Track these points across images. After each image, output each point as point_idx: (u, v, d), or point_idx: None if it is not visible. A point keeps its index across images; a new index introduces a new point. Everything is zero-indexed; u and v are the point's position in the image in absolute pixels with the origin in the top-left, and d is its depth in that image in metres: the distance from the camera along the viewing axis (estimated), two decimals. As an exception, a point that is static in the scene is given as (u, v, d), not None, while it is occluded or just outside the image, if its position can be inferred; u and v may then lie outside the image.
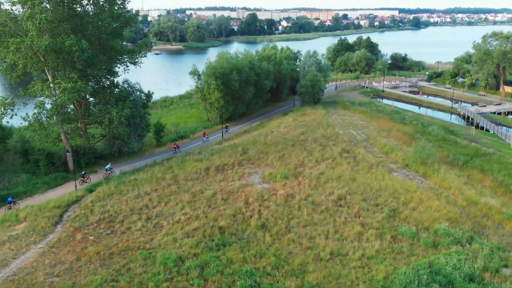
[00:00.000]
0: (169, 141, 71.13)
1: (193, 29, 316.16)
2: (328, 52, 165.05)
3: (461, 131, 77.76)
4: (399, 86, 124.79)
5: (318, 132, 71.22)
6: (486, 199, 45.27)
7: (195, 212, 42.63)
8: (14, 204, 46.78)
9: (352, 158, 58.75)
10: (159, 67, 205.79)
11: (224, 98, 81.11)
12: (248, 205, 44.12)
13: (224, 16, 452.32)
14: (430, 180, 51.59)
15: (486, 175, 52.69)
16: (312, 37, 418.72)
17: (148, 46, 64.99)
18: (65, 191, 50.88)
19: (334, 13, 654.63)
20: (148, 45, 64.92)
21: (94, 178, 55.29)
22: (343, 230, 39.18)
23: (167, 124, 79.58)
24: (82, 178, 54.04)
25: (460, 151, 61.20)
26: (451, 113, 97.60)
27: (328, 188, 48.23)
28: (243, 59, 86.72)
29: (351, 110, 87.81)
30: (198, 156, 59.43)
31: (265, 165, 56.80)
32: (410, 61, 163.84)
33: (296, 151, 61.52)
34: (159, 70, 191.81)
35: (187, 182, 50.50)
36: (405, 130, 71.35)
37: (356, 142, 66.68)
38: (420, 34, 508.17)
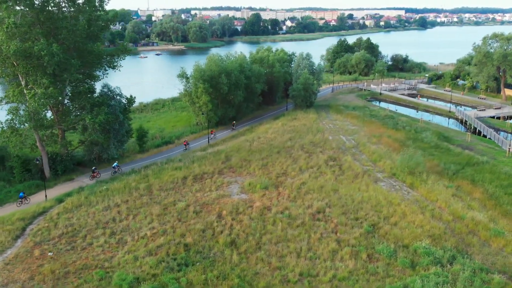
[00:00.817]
0: (152, 147, 69.04)
1: (195, 29, 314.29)
2: (328, 53, 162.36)
3: (456, 137, 74.93)
4: (397, 88, 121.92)
5: (306, 138, 68.82)
6: (473, 213, 42.69)
7: (163, 226, 40.46)
8: (26, 199, 48.58)
9: (338, 167, 56.34)
10: (158, 68, 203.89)
11: (212, 102, 78.92)
12: (221, 218, 41.91)
13: (228, 16, 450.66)
14: (417, 191, 49.08)
15: (476, 186, 50.02)
16: (316, 37, 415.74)
17: (126, 50, 62.79)
18: (37, 201, 48.92)
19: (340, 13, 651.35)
20: (126, 49, 62.71)
21: (69, 186, 53.29)
22: (317, 248, 36.84)
23: (153, 129, 77.61)
24: (92, 174, 55.89)
25: (452, 160, 58.49)
26: (449, 117, 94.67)
27: (308, 200, 45.91)
28: (233, 61, 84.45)
29: (343, 115, 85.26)
30: (178, 164, 57.29)
31: (247, 174, 54.53)
32: (411, 62, 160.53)
33: (281, 159, 59.20)
34: (157, 71, 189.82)
35: (161, 193, 48.36)
36: (397, 137, 68.74)
37: (345, 149, 64.23)
38: (426, 34, 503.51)
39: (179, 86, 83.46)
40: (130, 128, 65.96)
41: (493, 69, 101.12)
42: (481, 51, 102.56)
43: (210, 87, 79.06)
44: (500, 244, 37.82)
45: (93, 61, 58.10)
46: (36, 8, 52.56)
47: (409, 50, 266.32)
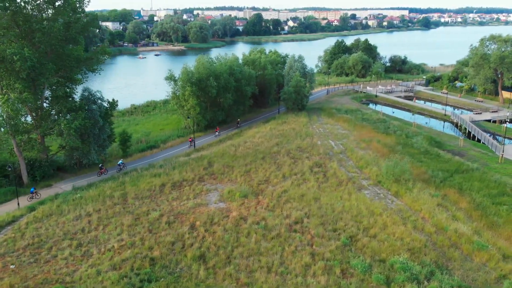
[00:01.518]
0: (136, 151, 67.56)
1: (196, 30, 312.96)
2: (326, 54, 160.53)
3: (449, 141, 73.09)
4: (393, 90, 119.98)
5: (294, 143, 67.16)
6: (457, 224, 40.94)
7: (132, 238, 38.91)
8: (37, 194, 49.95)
9: (323, 174, 54.68)
10: (155, 69, 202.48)
11: (200, 105, 77.46)
12: (194, 230, 40.33)
13: (229, 16, 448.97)
14: (402, 200, 47.37)
15: (463, 195, 48.25)
16: (318, 37, 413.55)
17: (105, 53, 61.26)
18: (10, 208, 47.55)
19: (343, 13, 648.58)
20: (105, 52, 61.16)
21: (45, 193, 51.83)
22: (290, 262, 35.18)
23: (140, 133, 76.19)
24: (100, 170, 57.49)
25: (441, 167, 56.70)
26: (444, 121, 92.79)
27: (287, 209, 44.27)
28: (222, 64, 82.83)
29: (335, 118, 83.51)
30: (157, 171, 55.75)
31: (228, 181, 52.95)
32: (410, 63, 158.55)
33: (265, 165, 57.58)
34: (153, 72, 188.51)
35: (136, 202, 46.84)
36: (387, 142, 66.97)
37: (332, 154, 62.54)
38: (429, 34, 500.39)
39: (168, 89, 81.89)
40: (112, 133, 64.52)
41: (490, 71, 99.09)
42: (478, 53, 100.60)
43: (199, 90, 77.63)
44: (483, 259, 36.11)
45: (71, 64, 56.55)
46: (11, 10, 51.12)
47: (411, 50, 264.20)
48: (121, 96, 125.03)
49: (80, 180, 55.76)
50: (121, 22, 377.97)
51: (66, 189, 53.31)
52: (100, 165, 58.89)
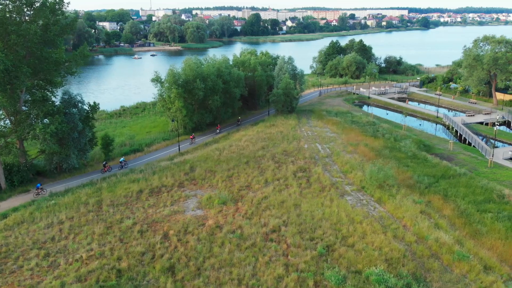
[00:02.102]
0: (119, 155, 66.29)
1: (193, 30, 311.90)
2: (320, 55, 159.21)
3: (438, 145, 71.83)
4: (387, 92, 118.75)
5: (280, 147, 65.96)
6: (439, 233, 39.66)
7: (102, 248, 37.67)
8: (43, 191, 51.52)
9: (306, 179, 53.45)
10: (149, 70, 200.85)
11: (187, 107, 76.29)
12: (166, 239, 39.10)
13: (227, 16, 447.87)
14: (384, 207, 46.12)
15: (448, 201, 46.98)
16: (316, 37, 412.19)
17: (85, 56, 59.93)
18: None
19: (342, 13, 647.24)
20: (84, 55, 59.83)
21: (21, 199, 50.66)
22: (262, 274, 33.94)
23: (124, 136, 74.93)
24: (104, 168, 58.71)
25: (427, 171, 55.43)
26: (436, 123, 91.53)
27: (265, 217, 43.04)
28: (209, 66, 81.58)
29: (324, 121, 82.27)
30: (136, 176, 54.50)
31: (209, 187, 51.73)
32: (405, 64, 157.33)
33: (248, 170, 56.34)
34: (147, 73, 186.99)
35: (111, 209, 45.58)
36: (374, 145, 65.72)
37: (318, 158, 61.32)
38: (427, 34, 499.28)
39: (155, 91, 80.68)
40: (94, 136, 63.32)
41: (483, 72, 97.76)
42: (471, 54, 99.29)
43: (185, 92, 76.48)
44: (463, 270, 34.86)
45: (49, 67, 55.27)
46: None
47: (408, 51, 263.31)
48: (112, 98, 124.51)
49: (58, 186, 54.56)
50: (118, 22, 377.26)
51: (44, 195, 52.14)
52: (104, 162, 59.89)
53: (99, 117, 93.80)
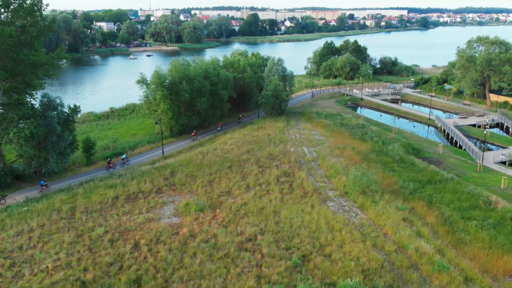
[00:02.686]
0: (101, 159, 64.98)
1: (189, 30, 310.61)
2: (315, 56, 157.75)
3: (428, 148, 70.45)
4: (380, 93, 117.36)
5: (266, 150, 64.59)
6: (420, 242, 38.29)
7: (69, 258, 36.34)
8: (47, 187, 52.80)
9: (289, 184, 52.09)
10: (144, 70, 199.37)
11: (173, 109, 74.95)
12: (137, 249, 37.75)
13: (225, 16, 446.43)
14: (366, 214, 44.76)
15: (432, 208, 45.61)
16: (314, 37, 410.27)
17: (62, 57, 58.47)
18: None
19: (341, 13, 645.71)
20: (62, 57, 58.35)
21: None
22: (233, 286, 32.58)
23: (108, 138, 73.61)
24: (108, 165, 60.49)
25: (413, 176, 54.03)
26: (428, 125, 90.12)
27: (242, 225, 41.70)
28: (196, 67, 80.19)
29: (313, 123, 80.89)
30: (114, 181, 53.11)
31: (188, 192, 50.37)
32: (400, 65, 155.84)
33: (230, 175, 54.99)
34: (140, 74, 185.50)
35: (84, 216, 44.23)
36: (361, 149, 64.34)
37: (303, 162, 59.95)
38: (426, 34, 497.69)
39: (140, 93, 79.31)
40: (74, 140, 61.98)
41: (476, 74, 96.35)
42: (464, 55, 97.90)
43: (171, 94, 75.15)
44: (443, 281, 33.53)
45: (25, 70, 53.87)
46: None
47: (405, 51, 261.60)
48: (101, 99, 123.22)
49: (35, 191, 53.19)
50: (115, 23, 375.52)
51: (20, 200, 50.93)
52: (108, 159, 61.74)
53: (86, 119, 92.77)
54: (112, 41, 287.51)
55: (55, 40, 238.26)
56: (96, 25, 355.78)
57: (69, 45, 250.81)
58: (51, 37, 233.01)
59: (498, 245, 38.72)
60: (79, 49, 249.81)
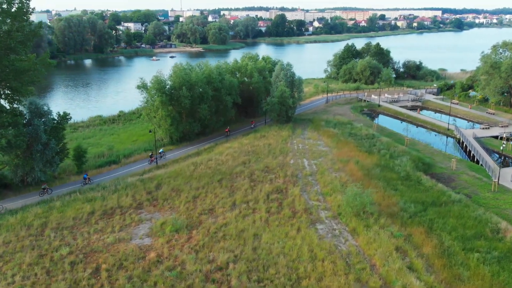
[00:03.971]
0: (92, 167, 62.79)
1: (214, 31, 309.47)
2: (335, 58, 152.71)
3: (441, 163, 65.20)
4: (399, 100, 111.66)
5: (263, 162, 60.99)
6: (410, 278, 33.91)
7: (25, 281, 33.75)
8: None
9: (279, 202, 48.33)
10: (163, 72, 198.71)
11: (173, 116, 72.30)
12: (96, 275, 34.83)
13: (251, 17, 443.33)
14: (357, 240, 40.57)
15: (431, 236, 40.91)
16: (343, 38, 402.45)
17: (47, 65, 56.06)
18: None
19: (372, 14, 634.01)
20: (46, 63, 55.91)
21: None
22: (189, 325, 29.22)
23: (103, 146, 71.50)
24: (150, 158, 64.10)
25: (417, 197, 49.23)
26: (447, 136, 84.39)
27: (216, 250, 38.25)
28: (198, 72, 77.21)
29: (320, 132, 76.65)
30: (95, 194, 50.55)
31: (169, 209, 47.29)
32: (425, 69, 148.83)
33: (218, 190, 51.65)
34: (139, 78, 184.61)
35: (53, 233, 41.71)
36: (366, 163, 59.81)
37: (300, 177, 56.04)
38: (460, 36, 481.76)
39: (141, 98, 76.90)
40: (64, 148, 59.95)
41: (501, 81, 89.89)
42: (489, 61, 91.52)
43: (171, 100, 72.51)
44: (430, 328, 29.19)
45: (7, 77, 51.91)
46: None
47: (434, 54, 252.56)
48: (112, 102, 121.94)
49: (16, 202, 51.25)
50: (143, 23, 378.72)
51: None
52: (160, 150, 65.08)
53: (91, 123, 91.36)
54: (137, 42, 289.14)
55: (80, 41, 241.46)
56: (124, 25, 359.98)
57: (94, 45, 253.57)
58: (76, 38, 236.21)
59: (500, 284, 33.92)
60: (103, 49, 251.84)
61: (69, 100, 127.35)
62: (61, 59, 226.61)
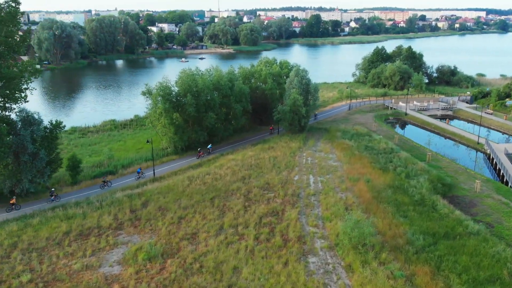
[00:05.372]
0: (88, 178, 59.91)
1: (246, 32, 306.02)
2: (364, 62, 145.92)
3: (465, 183, 58.62)
4: (429, 108, 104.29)
5: (265, 178, 56.45)
6: (403, 334, 28.64)
7: (-34, 317, 30.66)
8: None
9: (271, 227, 43.64)
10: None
11: (177, 124, 68.86)
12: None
13: (285, 18, 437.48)
14: (351, 279, 35.42)
15: (437, 278, 35.20)
16: (379, 39, 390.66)
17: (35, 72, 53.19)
18: None
19: (412, 14, 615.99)
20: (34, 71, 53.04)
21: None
22: None
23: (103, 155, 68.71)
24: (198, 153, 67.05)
25: (428, 226, 43.29)
26: (476, 151, 77.16)
27: (187, 286, 34.03)
28: (205, 78, 73.28)
29: (334, 144, 71.19)
30: (76, 211, 47.35)
31: (150, 231, 43.47)
32: (460, 74, 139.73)
33: (208, 210, 47.47)
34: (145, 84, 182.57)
35: (20, 255, 38.57)
36: (377, 182, 54.13)
37: (302, 196, 51.14)
38: (505, 38, 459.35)
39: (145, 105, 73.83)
40: (57, 158, 57.35)
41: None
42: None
43: (176, 107, 69.11)
44: None
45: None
46: None
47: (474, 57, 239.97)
48: (129, 105, 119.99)
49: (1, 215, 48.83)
50: (177, 24, 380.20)
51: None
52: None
53: (102, 128, 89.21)
54: (169, 43, 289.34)
55: (112, 41, 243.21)
56: (158, 26, 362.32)
57: (125, 46, 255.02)
58: (107, 39, 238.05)
59: None
60: (134, 50, 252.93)
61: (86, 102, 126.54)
62: (92, 59, 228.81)
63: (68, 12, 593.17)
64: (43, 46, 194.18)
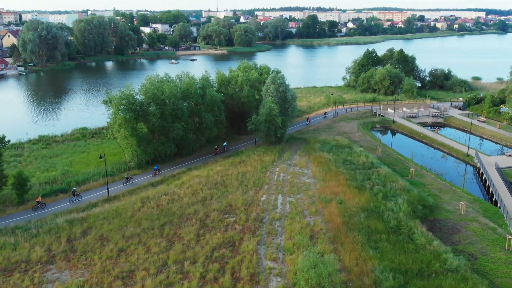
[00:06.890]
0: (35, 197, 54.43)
1: (240, 33, 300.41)
2: (354, 65, 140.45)
3: (449, 204, 53.18)
4: (419, 115, 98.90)
5: (228, 198, 51.11)
6: None
7: None
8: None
9: (223, 262, 38.23)
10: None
11: (140, 135, 63.54)
12: None
13: (281, 18, 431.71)
14: (303, 332, 30.04)
15: (404, 332, 29.88)
16: (376, 40, 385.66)
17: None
18: None
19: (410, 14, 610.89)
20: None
21: None
22: None
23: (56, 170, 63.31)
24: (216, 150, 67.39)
25: (400, 261, 37.80)
26: (466, 164, 71.76)
27: None
28: (172, 86, 67.78)
29: (311, 157, 65.81)
30: (9, 239, 41.95)
31: (83, 267, 38.04)
32: (454, 78, 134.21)
33: (154, 240, 42.08)
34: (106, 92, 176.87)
35: None
36: (351, 204, 48.72)
37: (266, 221, 45.80)
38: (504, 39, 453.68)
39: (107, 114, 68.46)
40: (1, 175, 52.10)
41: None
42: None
43: (138, 117, 63.83)
44: None
45: None
46: None
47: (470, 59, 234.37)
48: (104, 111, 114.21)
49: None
50: (171, 24, 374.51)
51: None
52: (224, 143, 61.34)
53: (69, 137, 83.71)
54: (162, 44, 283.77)
55: (100, 42, 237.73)
56: (151, 26, 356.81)
57: (115, 47, 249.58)
58: (96, 39, 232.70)
59: None
60: (124, 51, 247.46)
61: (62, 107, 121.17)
62: (80, 60, 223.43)
63: (65, 12, 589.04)
64: (28, 47, 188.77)
